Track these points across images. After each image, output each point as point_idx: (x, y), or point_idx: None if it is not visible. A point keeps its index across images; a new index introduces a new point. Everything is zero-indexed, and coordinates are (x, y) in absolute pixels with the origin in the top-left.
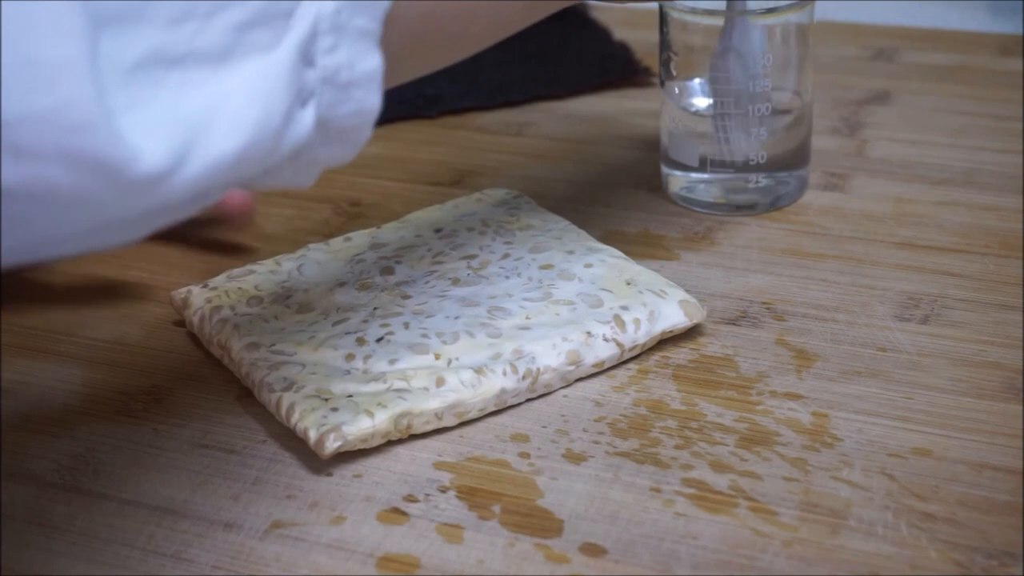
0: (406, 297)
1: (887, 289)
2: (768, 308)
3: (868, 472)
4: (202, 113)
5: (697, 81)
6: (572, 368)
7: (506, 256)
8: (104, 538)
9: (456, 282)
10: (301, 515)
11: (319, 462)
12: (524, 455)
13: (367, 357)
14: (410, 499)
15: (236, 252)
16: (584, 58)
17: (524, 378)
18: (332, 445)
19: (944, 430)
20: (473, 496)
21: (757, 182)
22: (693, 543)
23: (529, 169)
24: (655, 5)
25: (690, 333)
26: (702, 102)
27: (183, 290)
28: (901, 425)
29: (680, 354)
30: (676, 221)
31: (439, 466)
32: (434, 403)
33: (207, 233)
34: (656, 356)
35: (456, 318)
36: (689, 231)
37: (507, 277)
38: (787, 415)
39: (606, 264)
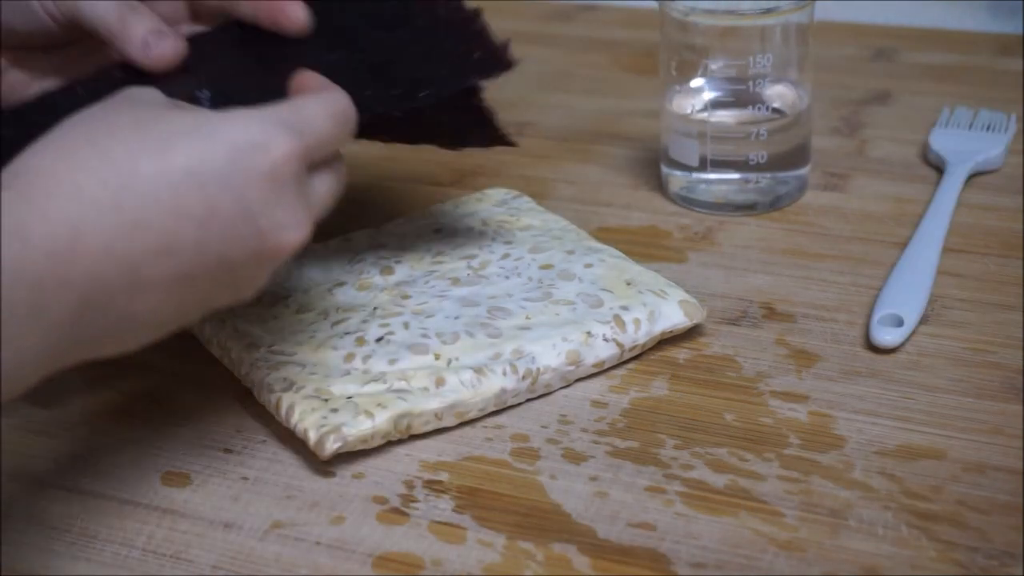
0: (406, 297)
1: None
2: (768, 308)
3: (868, 472)
4: None
5: (699, 81)
6: (572, 368)
7: (506, 256)
8: (104, 538)
9: (456, 282)
10: (301, 515)
11: (319, 462)
12: (524, 455)
13: (367, 357)
14: (410, 499)
15: None
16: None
17: (524, 378)
18: (332, 446)
19: (944, 430)
20: (473, 496)
21: (757, 182)
22: (693, 543)
23: (529, 169)
24: (655, 5)
25: (690, 333)
26: (702, 102)
27: None
28: (901, 425)
29: (680, 354)
30: (676, 221)
31: (439, 466)
32: (434, 403)
33: None
34: (656, 356)
35: (456, 318)
36: (689, 231)
37: (507, 277)
38: (787, 415)
39: (606, 264)
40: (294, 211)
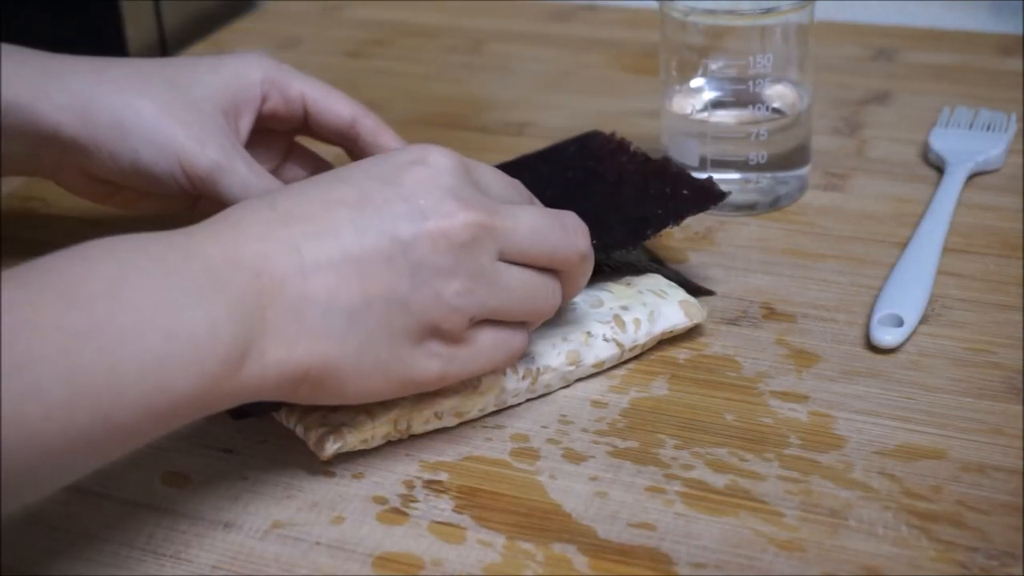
0: None
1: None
2: (768, 308)
3: (868, 472)
4: None
5: (699, 81)
6: (572, 368)
7: None
8: (104, 538)
9: None
10: (301, 515)
11: (319, 462)
12: (524, 455)
13: None
14: (410, 499)
15: None
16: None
17: (524, 378)
18: (332, 446)
19: (944, 430)
20: (473, 496)
21: (757, 182)
22: (693, 543)
23: None
24: (655, 5)
25: (690, 333)
26: (702, 102)
27: None
28: (901, 425)
29: (680, 354)
30: None
31: (439, 466)
32: (434, 403)
33: None
34: (656, 356)
35: None
36: (689, 231)
37: None
38: (787, 415)
39: None
40: (455, 200)
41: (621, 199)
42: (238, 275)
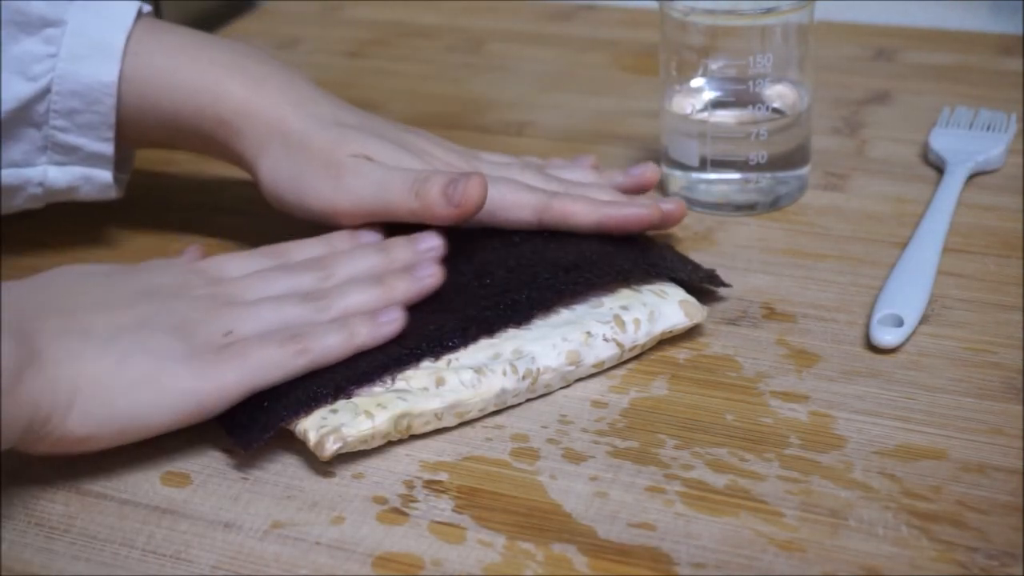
0: None
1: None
2: (768, 308)
3: (868, 472)
4: None
5: (699, 81)
6: (572, 368)
7: None
8: (104, 538)
9: None
10: (301, 515)
11: (319, 462)
12: (524, 455)
13: None
14: (410, 499)
15: None
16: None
17: (524, 378)
18: (332, 447)
19: (944, 430)
20: (473, 496)
21: (757, 182)
22: (693, 543)
23: None
24: (655, 5)
25: (690, 333)
26: (701, 102)
27: None
28: (901, 425)
29: (680, 354)
30: None
31: (439, 466)
32: (434, 403)
33: None
34: (656, 356)
35: None
36: (689, 231)
37: None
38: (787, 415)
39: None
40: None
41: (626, 243)
42: (5, 311)
